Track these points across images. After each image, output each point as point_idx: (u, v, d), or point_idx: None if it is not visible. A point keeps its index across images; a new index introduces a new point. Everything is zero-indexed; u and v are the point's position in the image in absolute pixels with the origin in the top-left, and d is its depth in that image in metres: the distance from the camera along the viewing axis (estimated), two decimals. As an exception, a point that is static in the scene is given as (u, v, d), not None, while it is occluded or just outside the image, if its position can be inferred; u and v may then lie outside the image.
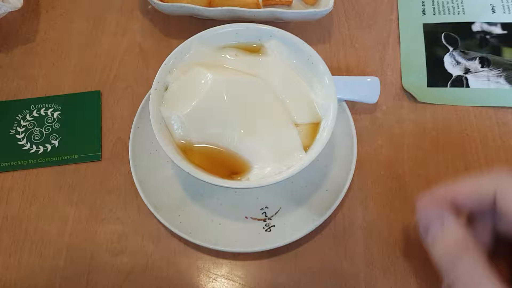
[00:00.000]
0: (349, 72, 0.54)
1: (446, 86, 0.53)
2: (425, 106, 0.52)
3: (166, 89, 0.43)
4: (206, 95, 0.40)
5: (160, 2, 0.52)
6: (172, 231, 0.44)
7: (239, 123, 0.41)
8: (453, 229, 0.33)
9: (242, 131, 0.40)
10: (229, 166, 0.41)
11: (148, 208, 0.45)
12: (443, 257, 0.33)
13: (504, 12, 0.57)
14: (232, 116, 0.41)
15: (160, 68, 0.42)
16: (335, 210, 0.45)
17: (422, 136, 0.50)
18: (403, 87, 0.53)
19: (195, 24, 0.56)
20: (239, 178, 0.40)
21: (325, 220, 0.45)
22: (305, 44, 0.43)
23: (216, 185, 0.39)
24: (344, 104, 0.49)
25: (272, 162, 0.40)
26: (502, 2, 0.58)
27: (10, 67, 0.56)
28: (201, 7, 0.50)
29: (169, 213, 0.45)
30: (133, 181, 0.46)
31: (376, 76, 0.50)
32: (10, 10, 0.53)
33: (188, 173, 0.39)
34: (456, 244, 0.33)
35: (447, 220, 0.34)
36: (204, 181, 0.38)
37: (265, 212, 0.46)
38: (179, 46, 0.43)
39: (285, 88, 0.43)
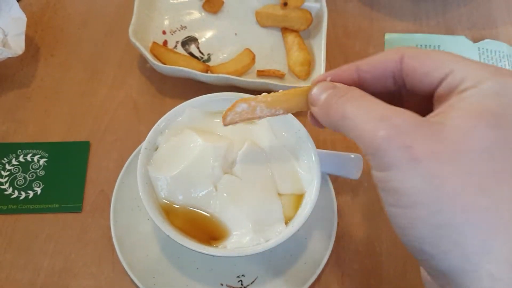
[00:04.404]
0: (334, 146, 0.55)
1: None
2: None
3: (156, 149, 0.44)
4: (194, 160, 0.41)
5: (160, 64, 0.54)
6: (145, 293, 0.44)
7: (223, 189, 0.41)
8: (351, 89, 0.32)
9: (226, 197, 0.41)
10: (208, 231, 0.41)
11: (122, 266, 0.45)
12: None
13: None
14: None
15: (153, 128, 0.43)
16: (311, 284, 0.45)
17: (401, 216, 0.51)
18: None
19: (189, 85, 0.57)
20: (216, 245, 0.40)
21: (301, 294, 0.44)
22: (294, 118, 0.45)
23: (194, 251, 0.39)
24: (327, 177, 0.50)
25: (252, 232, 0.40)
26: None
27: (2, 109, 0.56)
28: (198, 72, 0.52)
29: (144, 274, 0.44)
30: (111, 236, 0.46)
31: (359, 154, 0.50)
32: (10, 56, 0.54)
33: (168, 235, 0.39)
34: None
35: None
36: (183, 245, 0.38)
37: (241, 280, 0.45)
38: (172, 109, 0.44)
39: (272, 157, 0.44)
